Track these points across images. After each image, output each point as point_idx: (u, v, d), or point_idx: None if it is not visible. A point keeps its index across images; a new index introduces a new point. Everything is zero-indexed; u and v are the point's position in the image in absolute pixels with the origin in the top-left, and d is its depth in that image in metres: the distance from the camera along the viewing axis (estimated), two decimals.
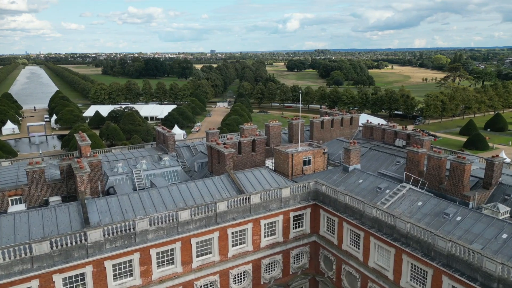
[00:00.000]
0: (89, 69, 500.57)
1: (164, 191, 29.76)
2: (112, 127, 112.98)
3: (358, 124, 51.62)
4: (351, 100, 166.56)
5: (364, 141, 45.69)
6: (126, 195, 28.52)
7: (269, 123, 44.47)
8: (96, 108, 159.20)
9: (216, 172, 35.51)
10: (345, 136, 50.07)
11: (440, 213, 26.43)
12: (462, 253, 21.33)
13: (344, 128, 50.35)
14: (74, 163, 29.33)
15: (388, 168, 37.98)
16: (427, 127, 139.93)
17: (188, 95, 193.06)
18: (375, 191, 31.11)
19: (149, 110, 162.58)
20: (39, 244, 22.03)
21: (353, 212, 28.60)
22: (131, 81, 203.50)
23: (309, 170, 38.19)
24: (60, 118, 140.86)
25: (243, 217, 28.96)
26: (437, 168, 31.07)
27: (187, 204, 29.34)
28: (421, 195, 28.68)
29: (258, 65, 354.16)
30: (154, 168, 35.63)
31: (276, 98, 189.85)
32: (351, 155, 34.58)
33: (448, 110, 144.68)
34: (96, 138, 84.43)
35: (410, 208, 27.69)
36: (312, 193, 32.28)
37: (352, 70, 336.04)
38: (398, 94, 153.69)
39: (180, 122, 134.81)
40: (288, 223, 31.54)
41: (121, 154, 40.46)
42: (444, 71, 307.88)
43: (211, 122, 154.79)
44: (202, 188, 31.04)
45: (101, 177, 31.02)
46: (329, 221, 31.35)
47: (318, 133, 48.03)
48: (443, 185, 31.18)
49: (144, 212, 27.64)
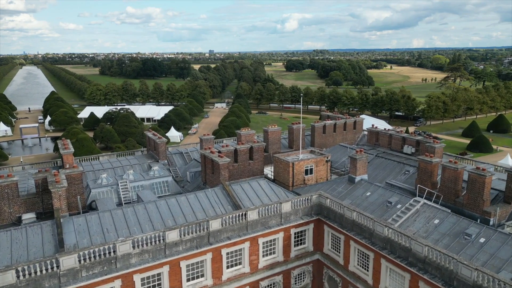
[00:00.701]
0: (87, 69, 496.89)
1: (151, 207, 26.78)
2: (106, 129, 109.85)
3: (362, 128, 48.70)
4: (351, 101, 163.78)
5: (370, 148, 42.76)
6: (108, 212, 25.52)
7: (268, 128, 41.51)
8: (91, 109, 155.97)
9: (210, 183, 32.55)
10: (349, 142, 47.17)
11: (461, 233, 23.53)
12: (491, 284, 18.43)
13: (347, 133, 47.42)
14: (51, 175, 26.32)
15: (396, 178, 35.07)
16: (428, 129, 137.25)
17: (185, 96, 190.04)
18: (385, 205, 28.20)
19: (146, 111, 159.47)
20: (2, 274, 19.03)
21: (361, 230, 25.69)
22: (127, 81, 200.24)
23: (311, 180, 35.27)
24: (54, 119, 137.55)
25: (239, 236, 26.02)
26: (453, 180, 28.19)
27: (177, 221, 26.36)
28: (437, 211, 25.77)
29: (257, 65, 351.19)
30: (142, 179, 32.62)
31: (275, 99, 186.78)
32: (357, 164, 31.66)
33: (449, 111, 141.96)
34: (88, 142, 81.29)
35: (426, 227, 24.78)
36: (316, 207, 29.36)
37: (351, 70, 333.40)
38: (399, 95, 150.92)
39: (177, 123, 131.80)
40: (289, 241, 28.61)
41: (108, 163, 37.44)
42: (444, 72, 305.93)
43: (208, 123, 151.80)
44: (194, 202, 28.06)
45: (82, 190, 28.01)
46: (334, 239, 28.43)
47: (319, 139, 45.09)
48: (459, 198, 28.29)
49: (128, 232, 24.65)
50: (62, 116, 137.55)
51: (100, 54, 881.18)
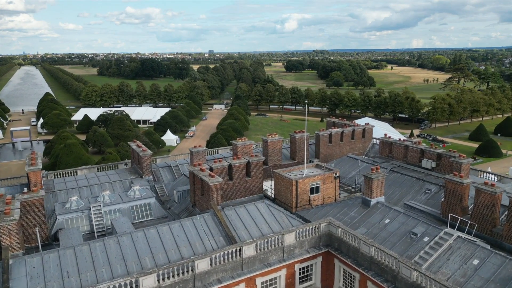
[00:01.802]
0: (85, 70, 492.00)
1: (126, 241, 22.00)
2: (99, 133, 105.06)
3: (371, 137, 43.92)
4: (353, 102, 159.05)
5: (382, 160, 37.99)
6: (71, 249, 20.74)
7: (268, 138, 36.74)
8: (85, 111, 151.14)
9: (200, 205, 27.80)
10: (357, 152, 42.41)
11: (509, 280, 18.78)
12: None
13: (355, 142, 42.66)
14: (2, 203, 21.55)
15: (416, 198, 30.34)
16: (433, 132, 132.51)
17: (183, 97, 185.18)
18: (408, 237, 23.46)
19: (142, 113, 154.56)
20: None
21: (381, 270, 20.96)
22: (124, 82, 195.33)
23: (317, 200, 30.52)
24: (46, 122, 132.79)
25: (233, 277, 21.28)
26: (490, 206, 23.46)
27: (156, 260, 21.58)
28: (476, 248, 21.03)
29: (256, 65, 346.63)
30: (120, 201, 27.82)
31: (274, 100, 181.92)
32: (373, 185, 26.91)
33: (455, 113, 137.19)
34: (77, 147, 76.40)
35: (464, 269, 20.04)
36: (324, 237, 24.65)
37: (352, 71, 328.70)
38: (403, 96, 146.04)
39: (173, 126, 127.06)
40: (292, 279, 23.88)
41: (84, 179, 32.63)
42: (446, 72, 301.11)
43: (206, 125, 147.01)
44: (179, 233, 23.29)
45: (43, 219, 23.26)
46: (347, 276, 23.70)
47: (325, 149, 40.34)
48: (497, 228, 23.57)
49: (94, 275, 19.88)
50: (54, 119, 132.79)
51: (100, 54, 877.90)
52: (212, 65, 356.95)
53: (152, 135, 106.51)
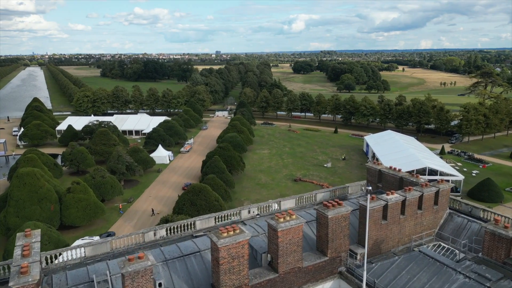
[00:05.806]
0: (90, 71, 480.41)
1: None
2: (76, 150, 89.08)
3: (447, 204, 27.08)
4: (370, 111, 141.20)
5: (474, 258, 21.21)
6: None
7: (277, 223, 20.21)
8: (71, 120, 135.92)
9: None
10: (428, 232, 25.61)
11: None
12: None
13: (423, 214, 25.92)
14: None
15: None
16: (467, 148, 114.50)
17: (182, 103, 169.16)
18: None
19: (135, 123, 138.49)
20: None
21: None
22: (119, 87, 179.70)
23: None
24: (25, 133, 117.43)
25: None
26: None
27: None
28: None
29: (263, 67, 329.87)
30: None
31: (282, 107, 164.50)
32: None
33: (492, 125, 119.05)
34: (32, 178, 60.01)
35: None
36: None
37: (363, 73, 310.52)
38: (429, 105, 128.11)
39: (167, 140, 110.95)
40: None
41: None
42: (462, 75, 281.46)
43: (206, 137, 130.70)
44: None
45: None
46: None
47: (376, 231, 23.69)
48: None
49: None
50: (34, 130, 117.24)
51: (107, 54, 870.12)
52: (218, 67, 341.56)
53: (139, 153, 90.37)
